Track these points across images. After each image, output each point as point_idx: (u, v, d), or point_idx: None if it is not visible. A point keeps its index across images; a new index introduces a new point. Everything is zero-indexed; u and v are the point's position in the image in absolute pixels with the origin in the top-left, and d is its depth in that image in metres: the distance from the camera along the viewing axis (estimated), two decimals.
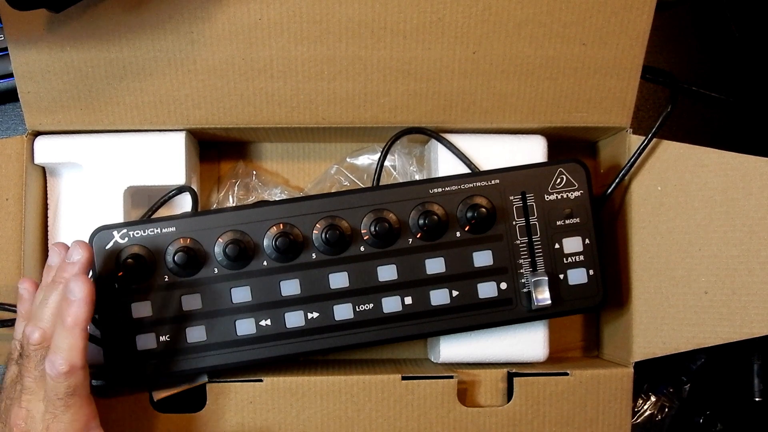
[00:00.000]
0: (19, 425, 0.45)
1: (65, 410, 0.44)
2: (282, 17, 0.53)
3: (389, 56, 0.54)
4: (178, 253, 0.51)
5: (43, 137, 0.56)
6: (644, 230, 0.57)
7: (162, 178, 0.56)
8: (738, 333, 0.56)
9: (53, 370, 0.44)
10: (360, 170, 0.62)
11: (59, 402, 0.44)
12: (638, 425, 0.66)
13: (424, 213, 0.53)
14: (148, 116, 0.55)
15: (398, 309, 0.53)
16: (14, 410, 0.45)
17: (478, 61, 0.55)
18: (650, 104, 0.68)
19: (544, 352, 0.58)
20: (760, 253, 0.55)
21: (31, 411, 0.45)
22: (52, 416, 0.44)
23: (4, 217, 0.55)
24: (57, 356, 0.44)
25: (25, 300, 0.50)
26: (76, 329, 0.44)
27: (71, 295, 0.44)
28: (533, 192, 0.55)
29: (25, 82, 0.54)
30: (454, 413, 0.55)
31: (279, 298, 0.53)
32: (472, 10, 0.54)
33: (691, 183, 0.56)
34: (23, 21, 0.52)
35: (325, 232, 0.52)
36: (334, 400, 0.54)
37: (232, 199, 0.62)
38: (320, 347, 0.53)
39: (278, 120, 0.56)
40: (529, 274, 0.54)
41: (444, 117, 0.56)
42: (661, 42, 0.69)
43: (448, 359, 0.58)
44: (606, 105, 0.57)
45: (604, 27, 0.55)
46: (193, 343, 0.52)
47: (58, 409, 0.44)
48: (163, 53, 0.54)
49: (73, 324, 0.44)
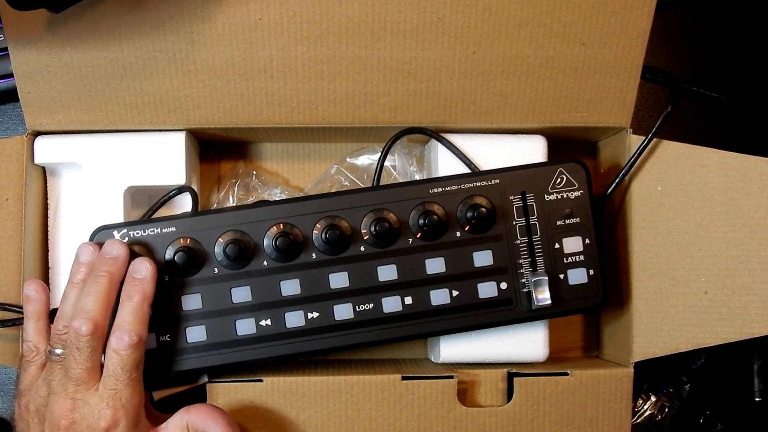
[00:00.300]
0: (66, 416, 0.46)
1: (127, 385, 0.47)
2: (282, 17, 0.53)
3: (389, 56, 0.55)
4: (178, 253, 0.51)
5: (43, 137, 0.56)
6: (644, 230, 0.57)
7: (162, 178, 0.56)
8: (738, 333, 0.56)
9: (122, 343, 0.47)
10: (360, 170, 0.62)
11: (124, 376, 0.47)
12: (638, 425, 0.66)
13: (424, 213, 0.53)
14: (148, 116, 0.55)
15: (398, 309, 0.53)
16: (59, 403, 0.46)
17: (478, 61, 0.55)
18: (650, 104, 0.68)
19: (544, 352, 0.58)
20: (760, 253, 0.55)
21: (80, 400, 0.46)
22: (113, 392, 0.46)
23: (4, 217, 0.55)
24: (126, 330, 0.47)
25: (34, 300, 0.51)
26: (144, 304, 0.49)
27: (138, 275, 0.49)
28: (533, 192, 0.55)
29: (25, 82, 0.54)
30: (454, 413, 0.55)
31: (279, 298, 0.53)
32: (472, 10, 0.54)
33: (691, 183, 0.56)
34: (23, 21, 0.52)
35: (325, 232, 0.52)
36: (334, 400, 0.54)
37: (232, 199, 0.62)
38: (320, 347, 0.53)
39: (278, 120, 0.56)
40: (529, 274, 0.54)
41: (444, 117, 0.56)
42: (661, 42, 0.69)
43: (448, 359, 0.58)
44: (606, 105, 0.57)
45: (604, 27, 0.55)
46: (193, 343, 0.52)
47: (121, 383, 0.47)
48: (163, 53, 0.54)
49: (142, 299, 0.48)
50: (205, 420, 0.49)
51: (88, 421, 0.46)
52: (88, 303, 0.47)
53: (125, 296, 0.49)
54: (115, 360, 0.47)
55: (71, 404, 0.46)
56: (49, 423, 0.47)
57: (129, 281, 0.49)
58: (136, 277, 0.49)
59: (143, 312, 0.48)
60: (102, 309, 0.47)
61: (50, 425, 0.46)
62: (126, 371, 0.47)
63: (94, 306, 0.47)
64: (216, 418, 0.49)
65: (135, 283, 0.49)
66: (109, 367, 0.47)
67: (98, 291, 0.48)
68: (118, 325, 0.48)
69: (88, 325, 0.46)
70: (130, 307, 0.48)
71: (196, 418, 0.49)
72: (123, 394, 0.47)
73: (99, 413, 0.46)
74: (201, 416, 0.49)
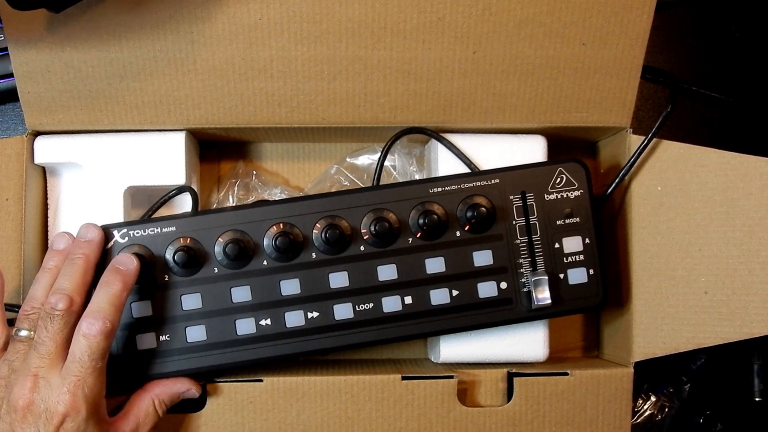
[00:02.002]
0: (25, 396, 0.44)
1: (91, 373, 0.46)
2: (282, 17, 0.53)
3: (389, 56, 0.55)
4: (179, 253, 0.51)
5: (43, 137, 0.56)
6: (644, 230, 0.57)
7: (162, 178, 0.56)
8: (738, 333, 0.56)
9: (94, 329, 0.45)
10: (360, 170, 0.63)
11: (90, 363, 0.45)
12: (638, 425, 0.66)
13: (424, 213, 0.53)
14: (148, 116, 0.55)
15: (398, 309, 0.53)
16: (19, 382, 0.45)
17: (478, 61, 0.55)
18: (650, 104, 0.69)
19: (544, 352, 0.58)
20: (760, 253, 0.55)
21: (42, 378, 0.45)
22: (76, 379, 0.45)
23: (4, 217, 0.55)
24: (99, 316, 0.46)
25: None
26: (123, 294, 0.48)
27: (123, 266, 0.49)
28: (533, 191, 0.55)
29: (25, 82, 0.54)
30: (454, 413, 0.55)
31: (279, 297, 0.53)
32: (472, 10, 0.54)
33: (691, 183, 0.56)
34: (23, 21, 0.52)
35: (325, 232, 0.52)
36: (334, 400, 0.54)
37: (232, 199, 0.62)
38: (320, 347, 0.53)
39: (278, 120, 0.56)
40: (529, 274, 0.54)
41: (444, 117, 0.56)
42: (661, 42, 0.69)
43: (448, 359, 0.58)
44: (606, 105, 0.57)
45: (604, 27, 0.55)
46: (193, 342, 0.52)
47: (86, 371, 0.45)
48: (163, 53, 0.54)
49: (122, 289, 0.48)
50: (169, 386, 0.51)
51: (47, 403, 0.44)
52: (65, 282, 0.47)
53: (104, 282, 0.48)
54: (83, 345, 0.45)
55: (32, 382, 0.45)
56: (7, 404, 0.45)
57: (111, 270, 0.49)
58: (120, 268, 0.49)
59: (120, 302, 0.48)
60: (79, 288, 0.47)
61: (8, 406, 0.45)
62: (93, 359, 0.45)
63: (70, 284, 0.47)
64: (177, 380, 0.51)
65: (117, 273, 0.48)
66: (75, 352, 0.45)
67: (74, 271, 0.48)
68: (91, 310, 0.47)
69: (65, 300, 0.46)
70: (107, 293, 0.47)
71: (160, 390, 0.50)
72: (86, 383, 0.45)
73: (58, 397, 0.44)
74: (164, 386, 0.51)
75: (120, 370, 0.52)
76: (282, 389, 0.54)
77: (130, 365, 0.52)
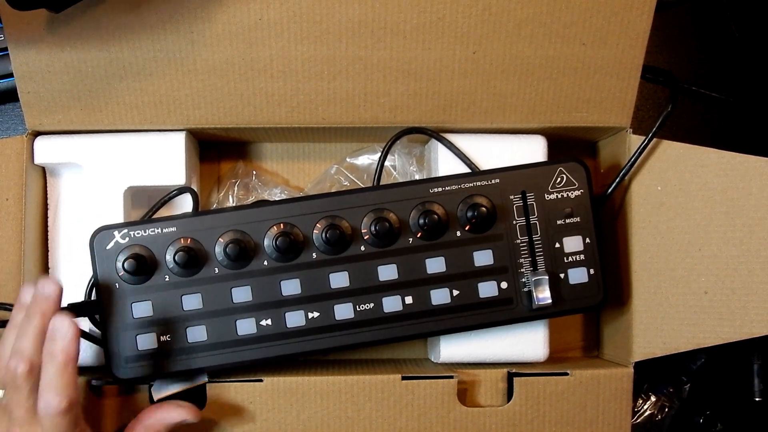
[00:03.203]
0: None
1: None
2: (282, 17, 0.53)
3: (389, 56, 0.55)
4: (179, 253, 0.51)
5: (43, 137, 0.56)
6: (644, 230, 0.57)
7: (162, 178, 0.56)
8: (738, 333, 0.56)
9: (51, 409, 0.44)
10: (360, 170, 0.63)
11: None
12: (638, 425, 0.66)
13: (424, 212, 0.53)
14: (148, 116, 0.55)
15: (398, 309, 0.53)
16: None
17: (478, 61, 0.55)
18: (650, 104, 0.69)
19: (544, 352, 0.58)
20: (760, 253, 0.55)
21: None
22: None
23: (4, 217, 0.55)
24: (54, 394, 0.44)
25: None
26: (69, 365, 0.45)
27: (59, 334, 0.45)
28: (533, 191, 0.55)
29: (25, 82, 0.54)
30: (454, 413, 0.55)
31: (279, 297, 0.53)
32: (472, 10, 0.54)
33: (691, 183, 0.56)
34: (23, 21, 0.52)
35: (326, 232, 0.52)
36: (334, 400, 0.54)
37: (232, 199, 0.62)
38: (320, 347, 0.53)
39: (278, 120, 0.56)
40: (530, 274, 0.54)
41: (444, 117, 0.56)
42: (661, 42, 0.69)
43: (448, 359, 0.58)
44: (606, 105, 0.57)
45: (604, 27, 0.55)
46: (194, 342, 0.52)
47: None
48: (163, 53, 0.54)
49: (66, 360, 0.45)
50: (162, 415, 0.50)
51: None
52: (23, 343, 0.46)
53: (48, 355, 0.45)
54: (49, 423, 0.44)
55: None
56: None
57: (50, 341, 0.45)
58: (57, 337, 0.45)
59: (69, 374, 0.45)
60: (36, 349, 0.45)
61: None
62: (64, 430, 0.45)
63: (28, 346, 0.45)
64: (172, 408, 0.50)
65: (55, 343, 0.45)
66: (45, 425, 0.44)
67: (30, 331, 0.46)
68: (45, 387, 0.45)
69: (24, 364, 0.45)
70: (53, 369, 0.45)
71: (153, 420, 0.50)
72: None
73: None
74: (156, 415, 0.50)
75: (120, 370, 0.52)
76: (282, 389, 0.54)
77: (130, 366, 0.52)
